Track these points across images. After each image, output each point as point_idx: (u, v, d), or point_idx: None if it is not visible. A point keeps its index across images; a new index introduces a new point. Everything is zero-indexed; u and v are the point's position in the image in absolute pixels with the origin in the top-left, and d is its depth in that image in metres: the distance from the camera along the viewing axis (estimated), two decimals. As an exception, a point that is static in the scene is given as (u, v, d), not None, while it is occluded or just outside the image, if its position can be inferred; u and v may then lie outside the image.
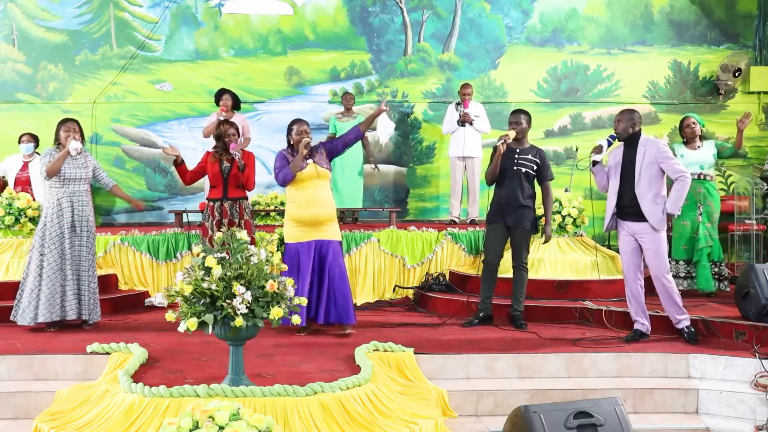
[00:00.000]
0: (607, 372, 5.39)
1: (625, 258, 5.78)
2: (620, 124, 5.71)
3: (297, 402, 4.12)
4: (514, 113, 6.33)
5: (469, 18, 10.05)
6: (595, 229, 9.63)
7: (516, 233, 6.25)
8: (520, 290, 6.31)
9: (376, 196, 9.94)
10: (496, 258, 6.34)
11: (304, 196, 5.94)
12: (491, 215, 6.36)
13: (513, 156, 6.21)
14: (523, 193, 6.20)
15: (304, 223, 5.94)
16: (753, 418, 4.98)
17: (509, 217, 6.22)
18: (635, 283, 5.75)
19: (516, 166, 6.20)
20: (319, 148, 6.10)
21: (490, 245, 6.36)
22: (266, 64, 9.89)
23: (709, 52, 10.19)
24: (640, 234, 5.66)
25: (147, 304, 7.40)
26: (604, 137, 5.83)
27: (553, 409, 3.72)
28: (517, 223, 6.21)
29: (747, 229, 8.69)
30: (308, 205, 5.93)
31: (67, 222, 6.08)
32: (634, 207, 5.64)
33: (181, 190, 9.76)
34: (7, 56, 9.63)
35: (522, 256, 6.27)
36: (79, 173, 6.14)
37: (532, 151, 6.28)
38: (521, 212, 6.20)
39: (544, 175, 6.27)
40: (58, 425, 4.18)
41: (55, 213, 6.08)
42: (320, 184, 5.97)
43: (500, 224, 6.28)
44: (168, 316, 4.20)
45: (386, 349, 5.35)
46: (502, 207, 6.25)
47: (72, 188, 6.13)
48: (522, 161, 6.21)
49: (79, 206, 6.14)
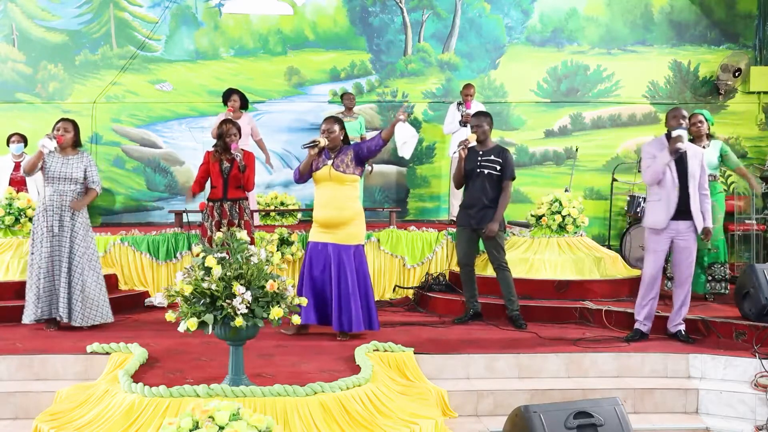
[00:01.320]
0: (607, 372, 5.39)
1: (656, 258, 5.68)
2: (684, 121, 5.66)
3: (297, 402, 4.12)
4: (476, 116, 6.43)
5: (469, 18, 10.05)
6: (595, 229, 9.65)
7: (484, 235, 6.28)
8: (508, 290, 6.33)
9: (376, 196, 9.94)
10: (468, 259, 6.43)
11: (319, 197, 5.86)
12: (458, 217, 6.50)
13: (476, 158, 6.28)
14: (486, 195, 6.23)
15: (319, 223, 5.87)
16: (753, 418, 4.98)
17: (473, 219, 6.28)
18: (658, 284, 5.73)
19: (479, 168, 6.26)
20: (346, 150, 5.83)
21: (460, 247, 6.48)
22: (266, 64, 9.89)
23: (709, 52, 10.19)
24: (684, 232, 5.62)
25: (147, 304, 7.39)
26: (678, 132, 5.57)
27: (553, 409, 3.72)
28: (483, 225, 6.24)
29: (747, 229, 8.69)
30: (321, 206, 5.83)
31: (52, 221, 6.01)
32: (687, 205, 5.57)
33: (181, 190, 9.76)
34: (7, 56, 9.63)
35: (498, 257, 6.31)
36: (66, 172, 6.05)
37: (495, 151, 6.32)
38: (485, 214, 6.23)
39: (504, 173, 6.27)
40: (58, 425, 4.18)
41: (42, 212, 6.05)
42: (335, 186, 5.77)
43: (467, 226, 6.36)
44: (168, 316, 4.20)
45: (386, 349, 5.35)
46: (468, 209, 6.33)
47: (59, 187, 6.05)
48: (485, 163, 6.26)
49: (60, 205, 6.04)
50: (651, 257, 5.70)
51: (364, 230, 5.97)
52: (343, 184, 5.78)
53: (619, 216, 9.71)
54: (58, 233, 6.04)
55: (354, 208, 5.85)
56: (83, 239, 6.14)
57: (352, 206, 5.84)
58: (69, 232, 6.08)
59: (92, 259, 6.22)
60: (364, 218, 5.98)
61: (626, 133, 10.14)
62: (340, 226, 5.78)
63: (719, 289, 6.95)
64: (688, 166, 5.60)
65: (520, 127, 10.07)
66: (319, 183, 5.85)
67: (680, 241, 5.64)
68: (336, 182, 5.77)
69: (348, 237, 5.80)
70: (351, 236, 5.82)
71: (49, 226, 6.01)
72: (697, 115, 7.00)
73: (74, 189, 6.11)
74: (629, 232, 8.81)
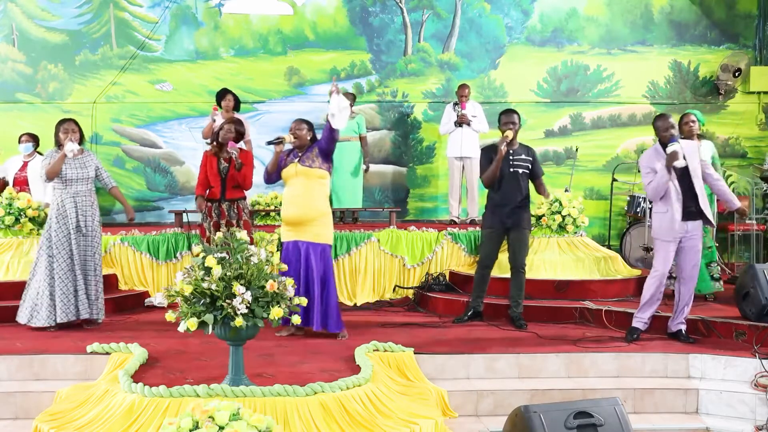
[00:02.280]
0: (607, 372, 5.40)
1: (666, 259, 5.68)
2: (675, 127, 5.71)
3: (297, 402, 4.12)
4: (507, 113, 6.29)
5: (469, 18, 10.05)
6: (595, 229, 9.65)
7: (515, 235, 6.26)
8: (519, 293, 6.32)
9: (376, 196, 9.94)
10: (491, 261, 6.40)
11: (287, 195, 5.89)
12: (488, 218, 6.39)
13: (507, 158, 6.21)
14: (520, 194, 6.23)
15: (285, 221, 5.89)
16: (753, 418, 4.98)
17: (507, 219, 6.24)
18: (664, 282, 5.73)
19: (512, 168, 6.21)
20: (312, 147, 5.93)
21: (486, 248, 6.41)
22: (266, 64, 9.88)
23: (709, 52, 10.19)
24: (692, 232, 5.63)
25: (147, 304, 7.39)
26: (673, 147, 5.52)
27: (553, 409, 3.72)
28: (516, 225, 6.22)
29: (747, 229, 8.70)
30: (288, 204, 5.85)
31: (72, 223, 6.10)
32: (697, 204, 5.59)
33: (181, 190, 9.77)
34: (7, 56, 9.63)
35: (522, 258, 6.29)
36: (80, 173, 6.16)
37: (524, 150, 6.31)
38: (519, 213, 6.23)
39: (536, 172, 6.29)
40: (58, 425, 4.18)
41: (60, 215, 6.11)
42: (303, 182, 5.80)
43: (498, 227, 6.30)
44: (168, 316, 4.20)
45: (386, 349, 5.35)
46: (500, 209, 6.26)
47: (75, 189, 6.14)
48: (517, 162, 6.23)
49: (82, 206, 6.16)
50: (661, 258, 5.69)
51: (331, 232, 5.96)
52: (310, 179, 5.80)
53: (619, 216, 9.70)
54: (84, 233, 6.15)
55: (320, 207, 5.86)
56: (99, 239, 6.29)
57: (318, 206, 5.84)
58: (92, 233, 6.20)
59: (101, 257, 6.38)
60: (331, 220, 5.98)
61: (626, 133, 10.14)
62: (306, 224, 5.78)
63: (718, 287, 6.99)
64: (689, 167, 5.60)
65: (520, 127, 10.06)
66: (287, 181, 5.89)
67: (687, 240, 5.64)
68: (303, 177, 5.79)
69: (316, 236, 5.81)
70: (318, 235, 5.82)
71: (75, 227, 6.10)
72: (689, 115, 7.04)
73: (89, 188, 6.23)
74: (629, 232, 8.81)
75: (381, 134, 9.97)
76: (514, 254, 6.31)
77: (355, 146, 8.67)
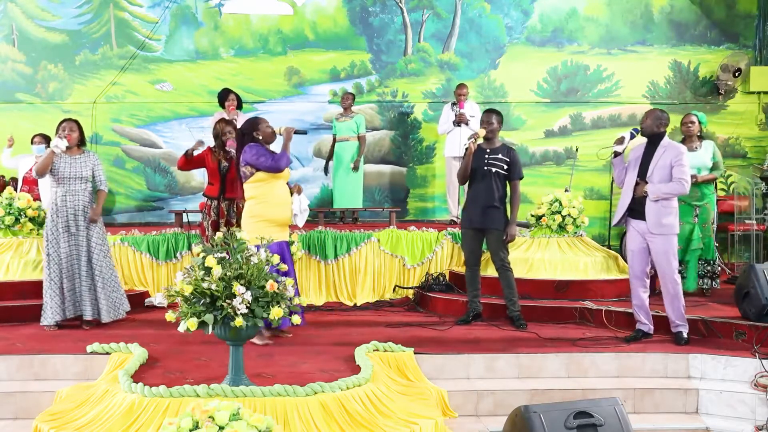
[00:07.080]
0: (607, 372, 5.39)
1: (632, 257, 5.73)
2: (647, 121, 5.69)
3: (297, 402, 4.12)
4: (486, 113, 6.32)
5: (469, 18, 10.05)
6: (595, 229, 9.65)
7: (488, 235, 6.25)
8: (510, 291, 6.30)
9: (376, 196, 9.94)
10: (475, 258, 6.40)
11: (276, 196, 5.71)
12: (463, 217, 6.43)
13: (483, 156, 6.21)
14: (492, 195, 6.16)
15: (277, 223, 5.73)
16: (753, 418, 4.98)
17: (478, 218, 6.22)
18: (640, 283, 5.72)
19: (486, 166, 6.19)
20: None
21: (466, 247, 6.42)
22: (266, 64, 9.88)
23: (709, 52, 10.19)
24: (645, 233, 5.62)
25: (147, 304, 7.39)
26: (628, 130, 5.80)
27: (553, 409, 3.72)
28: (488, 225, 6.20)
29: (747, 229, 8.70)
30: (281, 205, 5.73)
31: (62, 221, 6.07)
32: (642, 206, 5.61)
33: (181, 190, 9.77)
34: (7, 56, 9.63)
35: (501, 258, 6.24)
36: (75, 172, 6.12)
37: (502, 150, 6.26)
38: (490, 213, 6.17)
39: (513, 174, 6.22)
40: (58, 425, 4.18)
41: (53, 212, 6.10)
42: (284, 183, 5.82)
43: (468, 226, 6.32)
44: (168, 316, 4.20)
45: (386, 349, 5.35)
46: (473, 208, 6.27)
47: (68, 187, 6.11)
48: (492, 161, 6.20)
49: (74, 205, 6.11)
50: (628, 255, 5.81)
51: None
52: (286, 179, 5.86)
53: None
54: (75, 233, 6.11)
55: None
56: (99, 237, 6.25)
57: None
58: (85, 231, 6.15)
59: (107, 255, 6.33)
60: None
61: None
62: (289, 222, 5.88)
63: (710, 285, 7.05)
64: (649, 168, 5.59)
65: (520, 127, 10.07)
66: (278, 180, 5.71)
67: (649, 242, 5.62)
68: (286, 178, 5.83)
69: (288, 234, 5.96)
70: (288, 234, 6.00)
71: (65, 226, 6.07)
72: (689, 116, 7.05)
73: (84, 188, 6.18)
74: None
75: (381, 134, 9.98)
76: (492, 254, 6.33)
77: (355, 146, 8.69)
